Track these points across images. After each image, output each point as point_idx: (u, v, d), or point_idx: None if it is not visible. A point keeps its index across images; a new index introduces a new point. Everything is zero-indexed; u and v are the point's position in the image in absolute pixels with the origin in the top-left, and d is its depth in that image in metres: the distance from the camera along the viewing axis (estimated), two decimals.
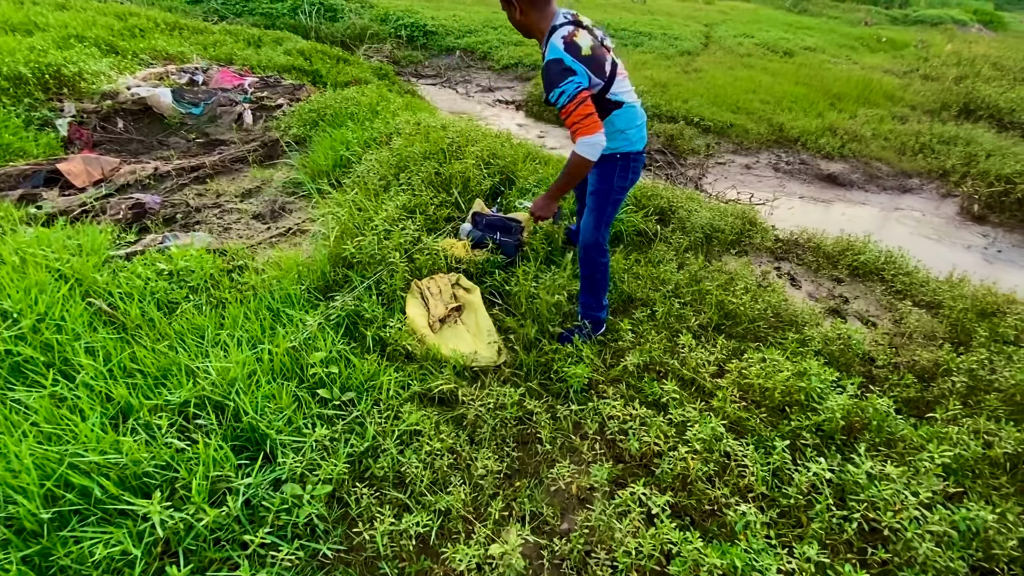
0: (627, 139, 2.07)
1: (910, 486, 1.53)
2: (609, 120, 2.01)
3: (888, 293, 3.03)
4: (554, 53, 1.80)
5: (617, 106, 2.02)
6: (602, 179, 2.12)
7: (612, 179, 2.10)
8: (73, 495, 1.40)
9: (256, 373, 1.83)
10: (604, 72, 1.94)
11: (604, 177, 2.11)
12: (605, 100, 1.98)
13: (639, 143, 2.10)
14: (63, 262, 2.37)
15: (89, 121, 4.73)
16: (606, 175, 2.10)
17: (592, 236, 2.16)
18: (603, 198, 2.13)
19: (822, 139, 5.67)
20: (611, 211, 2.18)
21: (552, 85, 1.81)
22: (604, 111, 1.98)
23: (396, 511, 1.58)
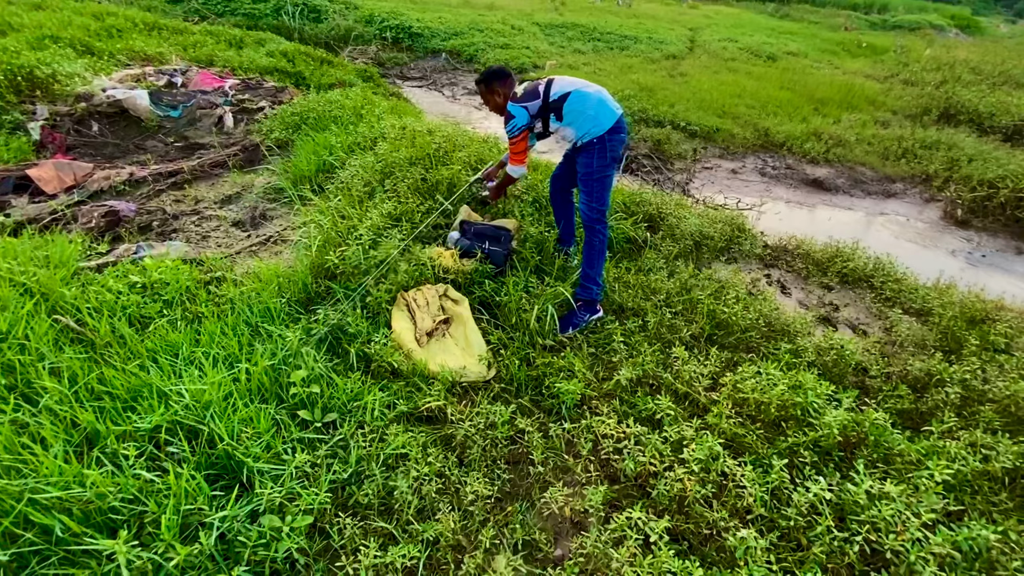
0: (596, 122, 2.38)
1: (911, 505, 1.50)
2: (567, 111, 2.41)
3: (878, 300, 3.03)
4: (508, 107, 2.49)
5: (563, 99, 2.40)
6: (586, 164, 2.44)
7: (593, 162, 2.42)
8: (33, 534, 1.31)
9: (233, 395, 1.74)
10: (537, 93, 2.46)
11: (587, 162, 2.44)
12: (550, 104, 2.43)
13: (607, 121, 2.38)
14: (29, 275, 2.25)
15: (63, 124, 4.56)
16: (588, 160, 2.43)
17: (588, 210, 2.48)
18: (589, 179, 2.45)
19: (807, 144, 5.70)
20: (599, 188, 2.45)
21: (506, 124, 2.51)
22: (556, 112, 2.43)
23: (382, 542, 1.50)
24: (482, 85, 2.58)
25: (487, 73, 2.58)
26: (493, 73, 2.57)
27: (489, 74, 2.57)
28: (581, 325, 2.46)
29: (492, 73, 2.57)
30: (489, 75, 2.56)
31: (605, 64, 8.54)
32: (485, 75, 2.58)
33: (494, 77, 2.55)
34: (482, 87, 2.59)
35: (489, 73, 2.58)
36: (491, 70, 2.58)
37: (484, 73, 2.59)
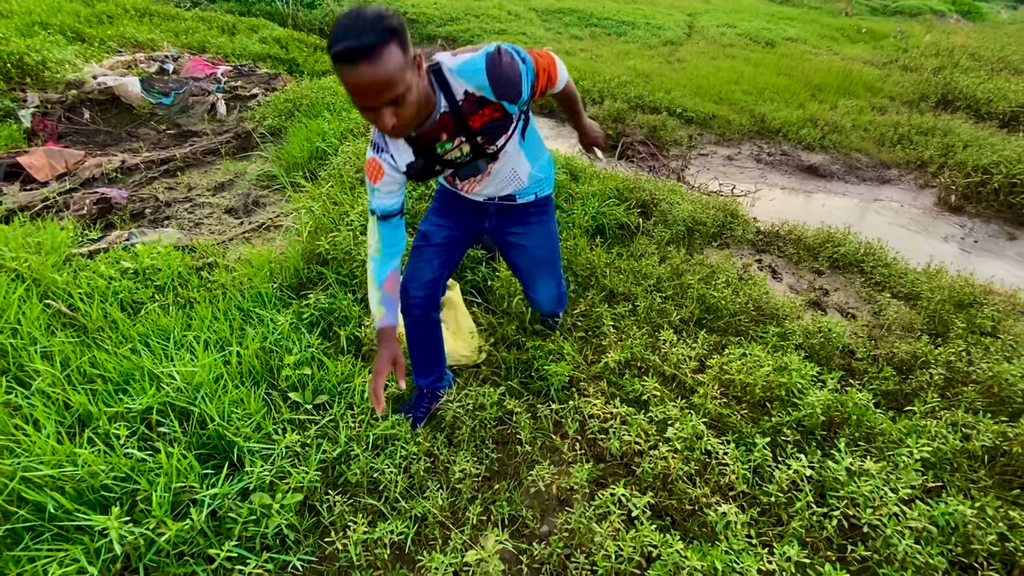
0: (551, 166, 1.69)
1: (889, 482, 1.53)
2: (530, 131, 1.56)
3: (867, 285, 3.05)
4: (485, 53, 1.27)
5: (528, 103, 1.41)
6: (553, 231, 1.77)
7: (556, 227, 1.79)
8: (26, 511, 1.33)
9: (224, 377, 1.76)
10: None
11: (553, 227, 1.76)
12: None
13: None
14: (20, 261, 2.26)
15: (54, 112, 4.54)
16: (553, 220, 1.77)
17: (561, 300, 1.83)
18: (556, 252, 1.79)
19: (803, 130, 5.68)
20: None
21: (519, 74, 1.29)
22: (525, 119, 1.51)
23: (370, 518, 1.53)
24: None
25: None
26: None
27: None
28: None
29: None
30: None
31: (602, 50, 8.47)
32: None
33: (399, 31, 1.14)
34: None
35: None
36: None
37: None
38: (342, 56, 1.07)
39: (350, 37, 1.07)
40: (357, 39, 1.06)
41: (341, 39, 1.07)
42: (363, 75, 1.08)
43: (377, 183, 1.39)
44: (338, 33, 1.08)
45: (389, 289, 1.47)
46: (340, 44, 1.07)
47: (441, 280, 1.72)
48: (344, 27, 1.08)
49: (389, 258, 1.47)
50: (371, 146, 1.40)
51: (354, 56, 1.07)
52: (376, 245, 1.46)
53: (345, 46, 1.06)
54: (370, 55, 1.07)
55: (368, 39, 1.07)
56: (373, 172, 1.39)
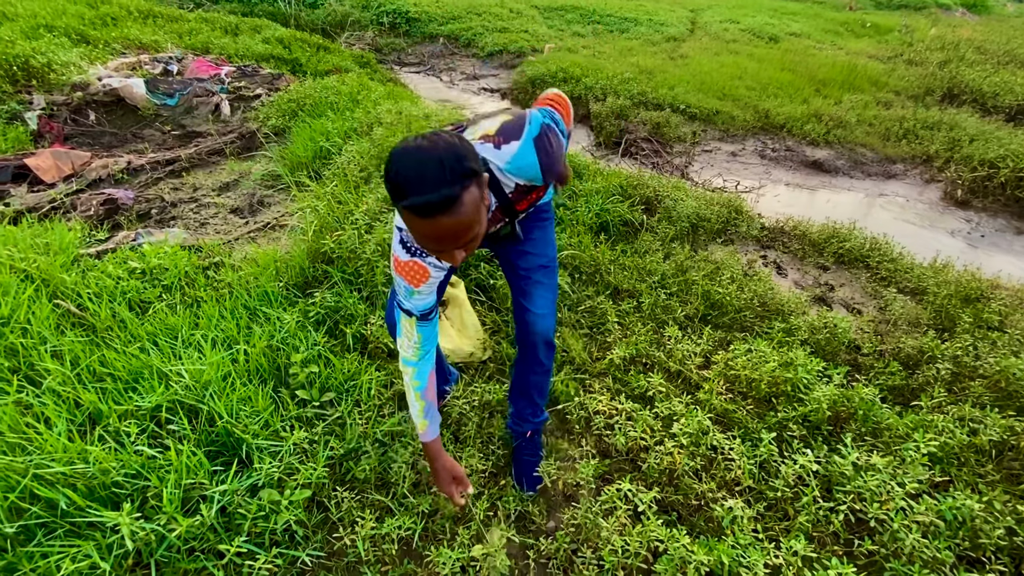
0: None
1: (896, 476, 1.53)
2: None
3: (873, 280, 3.04)
4: (529, 137, 1.18)
5: None
6: (553, 239, 1.59)
7: (554, 231, 1.62)
8: (39, 507, 1.35)
9: (231, 375, 1.77)
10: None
11: (552, 234, 1.60)
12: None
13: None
14: (29, 262, 2.28)
15: (60, 114, 4.57)
16: (552, 233, 1.60)
17: (552, 318, 1.54)
18: (554, 264, 1.58)
19: (807, 125, 5.66)
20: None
21: (563, 148, 1.26)
22: None
23: (378, 514, 1.54)
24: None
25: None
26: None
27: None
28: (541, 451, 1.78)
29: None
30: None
31: (604, 47, 8.45)
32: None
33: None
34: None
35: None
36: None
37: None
38: (418, 210, 0.93)
39: (426, 190, 0.91)
40: (436, 192, 0.91)
41: (415, 191, 0.91)
42: (441, 227, 0.96)
43: (420, 287, 1.23)
44: (409, 181, 0.92)
45: (431, 398, 1.36)
46: (415, 198, 0.92)
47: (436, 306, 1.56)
48: (416, 175, 0.91)
49: (429, 361, 1.34)
50: (405, 250, 1.22)
51: (431, 211, 0.93)
52: (415, 348, 1.30)
53: (424, 201, 0.91)
54: (450, 208, 0.93)
55: (448, 192, 0.92)
56: (415, 276, 1.22)
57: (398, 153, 0.95)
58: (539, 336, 1.51)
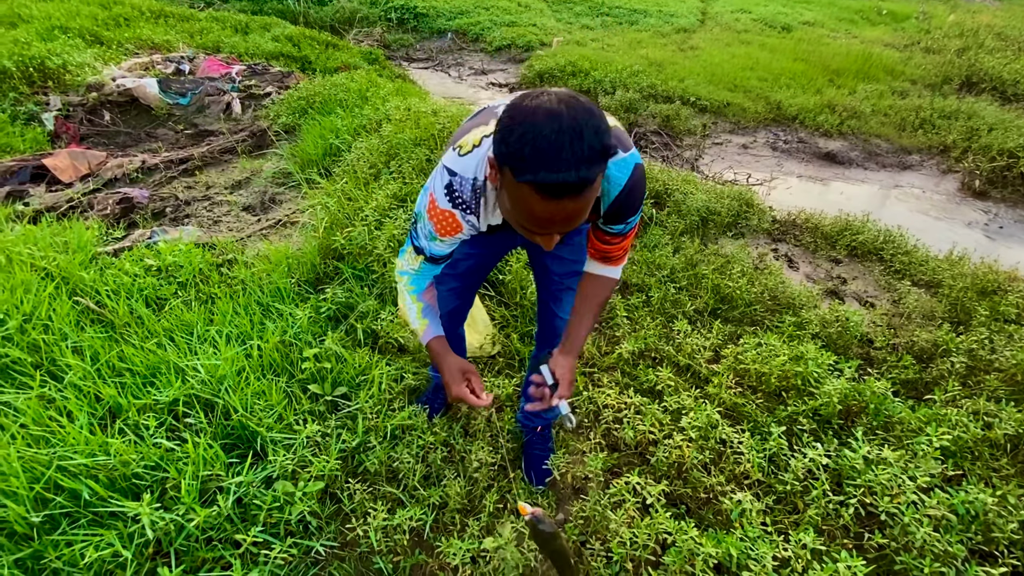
0: None
1: (908, 470, 1.52)
2: None
3: (887, 273, 3.00)
4: (635, 159, 1.08)
5: None
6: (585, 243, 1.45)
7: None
8: (63, 498, 1.39)
9: (246, 370, 1.81)
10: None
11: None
12: None
13: None
14: (49, 260, 2.34)
15: (75, 114, 4.65)
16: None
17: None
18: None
19: (820, 116, 5.57)
20: None
21: (643, 198, 1.14)
22: None
23: (390, 506, 1.57)
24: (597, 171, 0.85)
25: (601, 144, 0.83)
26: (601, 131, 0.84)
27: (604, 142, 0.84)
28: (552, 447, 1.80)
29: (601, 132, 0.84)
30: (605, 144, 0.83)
31: (614, 39, 8.38)
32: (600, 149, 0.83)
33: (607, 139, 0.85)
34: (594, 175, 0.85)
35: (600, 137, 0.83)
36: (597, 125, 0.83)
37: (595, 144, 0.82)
38: (546, 189, 0.82)
39: (563, 168, 0.79)
40: (573, 172, 0.80)
41: (548, 167, 0.80)
42: (563, 209, 0.86)
43: (445, 237, 1.15)
44: (541, 153, 0.80)
45: (429, 299, 1.30)
46: (547, 175, 0.80)
47: (468, 306, 1.63)
48: (552, 148, 0.79)
49: (428, 275, 1.30)
50: (448, 197, 1.10)
51: (562, 192, 0.82)
52: (414, 270, 1.27)
53: (558, 180, 0.80)
54: (582, 192, 0.83)
55: (587, 174, 0.81)
56: (445, 226, 1.13)
57: (526, 113, 0.81)
58: (557, 336, 1.47)
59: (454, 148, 1.11)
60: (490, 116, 1.13)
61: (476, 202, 1.11)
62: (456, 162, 1.09)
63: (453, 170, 1.09)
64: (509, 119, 0.84)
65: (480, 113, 1.21)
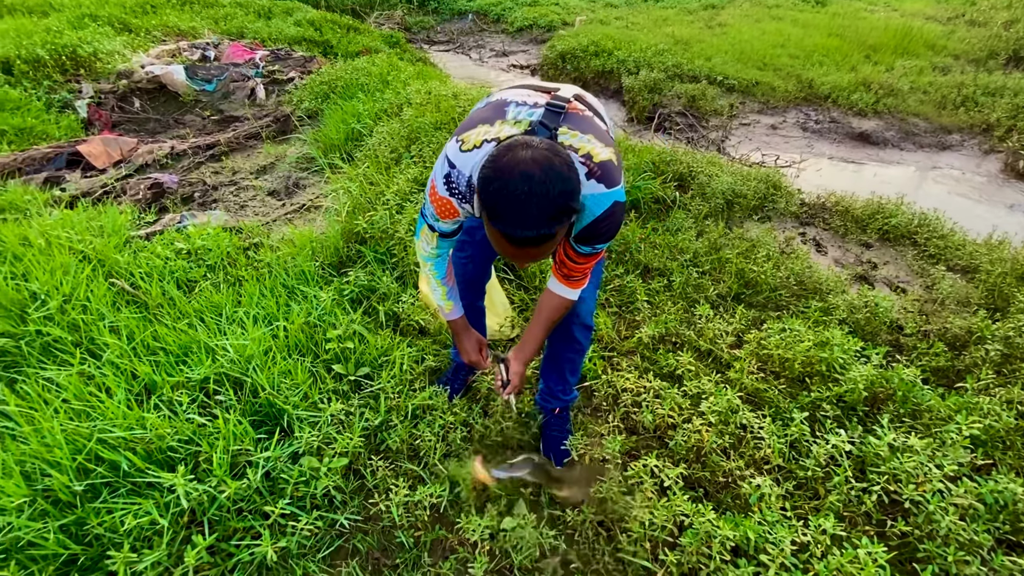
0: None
1: (935, 458, 1.48)
2: None
3: (920, 258, 2.90)
4: (616, 196, 1.13)
5: None
6: None
7: None
8: (103, 468, 1.47)
9: (272, 350, 1.86)
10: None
11: None
12: None
13: None
14: (86, 244, 2.43)
15: (107, 102, 4.78)
16: None
17: (595, 302, 1.60)
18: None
19: (855, 95, 5.36)
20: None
21: (616, 232, 1.21)
22: None
23: (411, 483, 1.61)
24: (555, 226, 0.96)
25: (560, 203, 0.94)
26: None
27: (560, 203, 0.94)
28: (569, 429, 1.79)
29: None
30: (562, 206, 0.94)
31: (638, 17, 8.17)
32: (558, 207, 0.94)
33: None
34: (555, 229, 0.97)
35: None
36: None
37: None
38: (513, 241, 0.95)
39: (527, 227, 0.91)
40: (534, 231, 0.92)
41: (513, 224, 0.92)
42: (528, 252, 1.00)
43: (444, 220, 1.26)
44: (509, 212, 0.91)
45: (451, 283, 1.45)
46: (511, 230, 0.92)
47: (485, 276, 1.73)
48: (520, 210, 0.90)
49: (446, 255, 1.42)
50: (447, 186, 1.18)
51: (525, 243, 0.95)
52: (432, 251, 1.37)
53: (520, 236, 0.93)
54: (543, 243, 0.96)
55: (547, 232, 0.93)
56: (445, 211, 1.22)
57: (503, 169, 0.91)
58: (579, 318, 1.54)
59: (458, 140, 1.17)
60: (497, 113, 1.17)
61: (471, 194, 1.18)
62: (457, 156, 1.16)
63: (453, 163, 1.17)
64: (491, 170, 0.94)
65: (488, 104, 1.24)
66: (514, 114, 1.15)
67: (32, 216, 2.73)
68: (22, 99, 4.37)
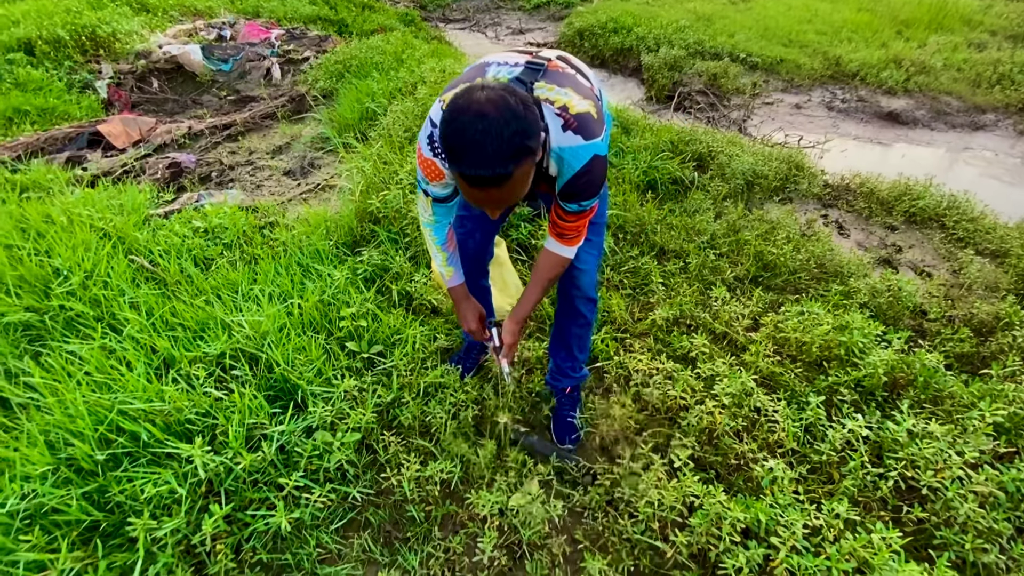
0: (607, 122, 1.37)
1: (955, 445, 1.45)
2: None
3: (948, 241, 2.80)
4: (596, 149, 1.12)
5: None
6: (606, 194, 1.59)
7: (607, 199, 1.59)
8: (124, 439, 1.50)
9: (287, 327, 1.88)
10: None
11: (606, 190, 1.55)
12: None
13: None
14: (107, 221, 2.47)
15: (126, 82, 4.82)
16: (605, 188, 1.51)
17: (597, 274, 1.59)
18: (604, 218, 1.56)
19: (884, 72, 5.16)
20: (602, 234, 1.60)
21: (599, 188, 1.19)
22: None
23: (422, 458, 1.63)
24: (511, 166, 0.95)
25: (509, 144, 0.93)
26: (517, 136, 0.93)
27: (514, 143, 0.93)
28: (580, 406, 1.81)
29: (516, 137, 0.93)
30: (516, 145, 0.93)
31: None
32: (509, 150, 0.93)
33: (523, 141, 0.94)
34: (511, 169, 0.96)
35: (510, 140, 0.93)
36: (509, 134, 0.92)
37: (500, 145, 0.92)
38: (471, 180, 0.96)
39: (482, 165, 0.92)
40: (490, 169, 0.92)
41: (469, 163, 0.93)
42: (488, 195, 1.00)
43: (433, 181, 1.25)
44: (465, 149, 0.92)
45: (452, 248, 1.44)
46: (467, 169, 0.94)
47: (487, 252, 1.71)
48: (474, 146, 0.91)
49: (446, 222, 1.41)
50: (430, 147, 1.19)
51: (482, 183, 0.96)
52: (430, 217, 1.37)
53: (476, 174, 0.94)
54: (501, 184, 0.96)
55: (503, 170, 0.93)
56: (431, 172, 1.23)
57: (459, 110, 0.92)
58: (581, 291, 1.55)
59: (440, 101, 1.17)
60: (478, 72, 1.19)
61: None
62: (438, 115, 1.13)
63: (435, 122, 1.17)
64: (448, 111, 0.94)
65: (474, 67, 1.24)
66: (494, 72, 1.16)
67: (55, 194, 2.78)
68: (44, 80, 4.43)
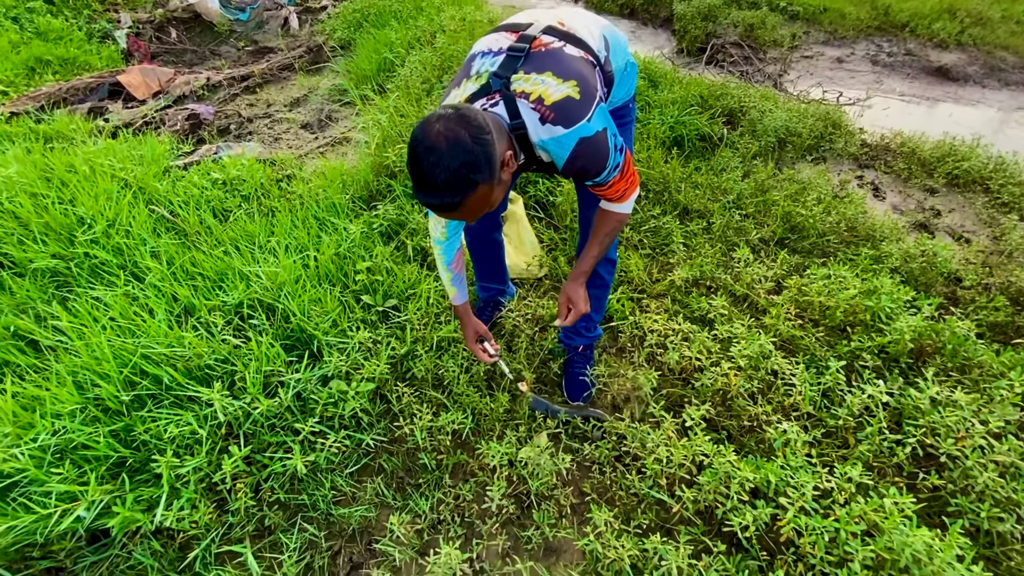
0: (632, 72, 1.45)
1: (980, 414, 1.40)
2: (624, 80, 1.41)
3: (991, 205, 2.65)
4: (580, 133, 1.10)
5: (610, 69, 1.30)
6: (630, 146, 1.59)
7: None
8: (147, 382, 1.56)
9: (303, 278, 1.89)
10: (601, 58, 1.25)
11: (631, 140, 1.60)
12: (608, 75, 1.31)
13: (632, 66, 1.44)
14: (128, 172, 2.49)
15: (145, 32, 4.77)
16: (631, 138, 1.59)
17: (617, 235, 1.53)
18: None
19: (937, 23, 4.77)
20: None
21: (604, 162, 1.17)
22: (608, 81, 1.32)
23: (434, 409, 1.65)
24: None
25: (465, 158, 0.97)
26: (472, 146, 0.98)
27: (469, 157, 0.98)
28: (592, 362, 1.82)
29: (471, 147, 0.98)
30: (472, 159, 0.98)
31: None
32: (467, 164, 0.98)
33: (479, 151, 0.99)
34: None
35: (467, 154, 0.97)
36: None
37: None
38: (426, 206, 1.05)
39: (431, 195, 0.99)
40: (438, 199, 1.00)
41: (420, 190, 1.00)
42: (451, 216, 1.07)
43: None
44: (417, 178, 0.99)
45: (457, 269, 1.50)
46: (423, 198, 1.01)
47: (499, 207, 1.72)
48: (425, 176, 0.97)
49: (455, 240, 1.46)
50: None
51: (437, 209, 1.04)
52: (442, 230, 1.41)
53: (426, 202, 1.02)
54: (450, 212, 1.03)
55: (449, 201, 0.99)
56: None
57: (415, 140, 0.98)
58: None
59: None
60: (465, 70, 1.21)
61: None
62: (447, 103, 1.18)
63: None
64: (410, 140, 0.99)
65: (465, 63, 1.24)
66: (477, 67, 1.17)
67: (78, 144, 2.81)
68: (64, 29, 4.41)
